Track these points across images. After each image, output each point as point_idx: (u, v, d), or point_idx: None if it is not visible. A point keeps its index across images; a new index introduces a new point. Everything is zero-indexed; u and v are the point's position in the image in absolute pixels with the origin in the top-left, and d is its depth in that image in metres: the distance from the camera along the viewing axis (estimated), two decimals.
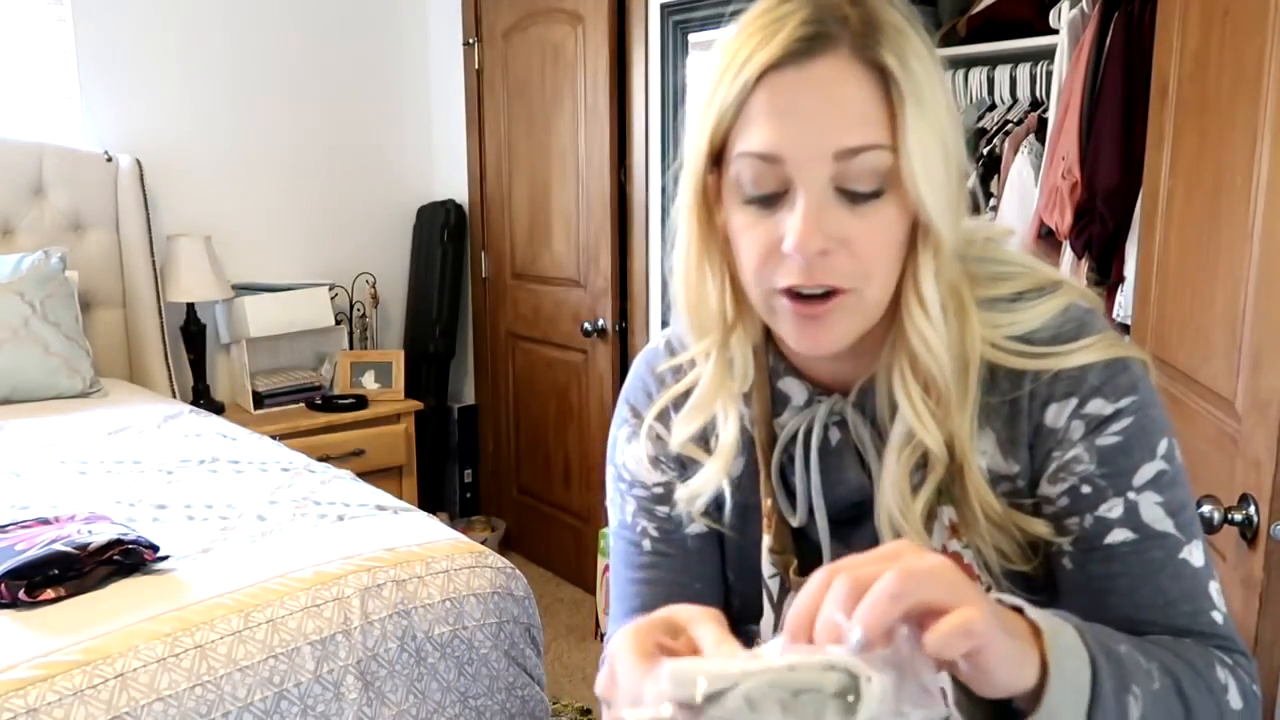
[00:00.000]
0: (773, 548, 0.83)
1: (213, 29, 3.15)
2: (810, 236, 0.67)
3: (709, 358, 0.80)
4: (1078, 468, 0.73)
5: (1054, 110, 2.22)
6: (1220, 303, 1.34)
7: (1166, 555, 0.72)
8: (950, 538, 0.76)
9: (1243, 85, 1.28)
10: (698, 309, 0.79)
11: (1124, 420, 0.72)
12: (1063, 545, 0.74)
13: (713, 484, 0.83)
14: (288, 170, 3.36)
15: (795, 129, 0.68)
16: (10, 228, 2.82)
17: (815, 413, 0.80)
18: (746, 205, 0.71)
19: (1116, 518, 0.72)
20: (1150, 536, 0.72)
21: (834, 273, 0.69)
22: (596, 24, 2.94)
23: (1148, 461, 0.72)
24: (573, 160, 3.12)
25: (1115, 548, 0.72)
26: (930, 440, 0.73)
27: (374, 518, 1.77)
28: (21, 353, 2.52)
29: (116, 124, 3.01)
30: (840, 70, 0.68)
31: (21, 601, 1.40)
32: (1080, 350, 0.73)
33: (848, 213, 0.69)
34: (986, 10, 2.44)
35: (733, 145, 0.71)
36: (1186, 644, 0.71)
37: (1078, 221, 2.11)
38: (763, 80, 0.69)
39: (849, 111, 0.68)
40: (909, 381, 0.74)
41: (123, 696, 1.26)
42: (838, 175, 0.68)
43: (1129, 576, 0.72)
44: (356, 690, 1.45)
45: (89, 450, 2.12)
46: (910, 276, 0.72)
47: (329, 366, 3.40)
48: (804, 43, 0.68)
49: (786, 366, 0.82)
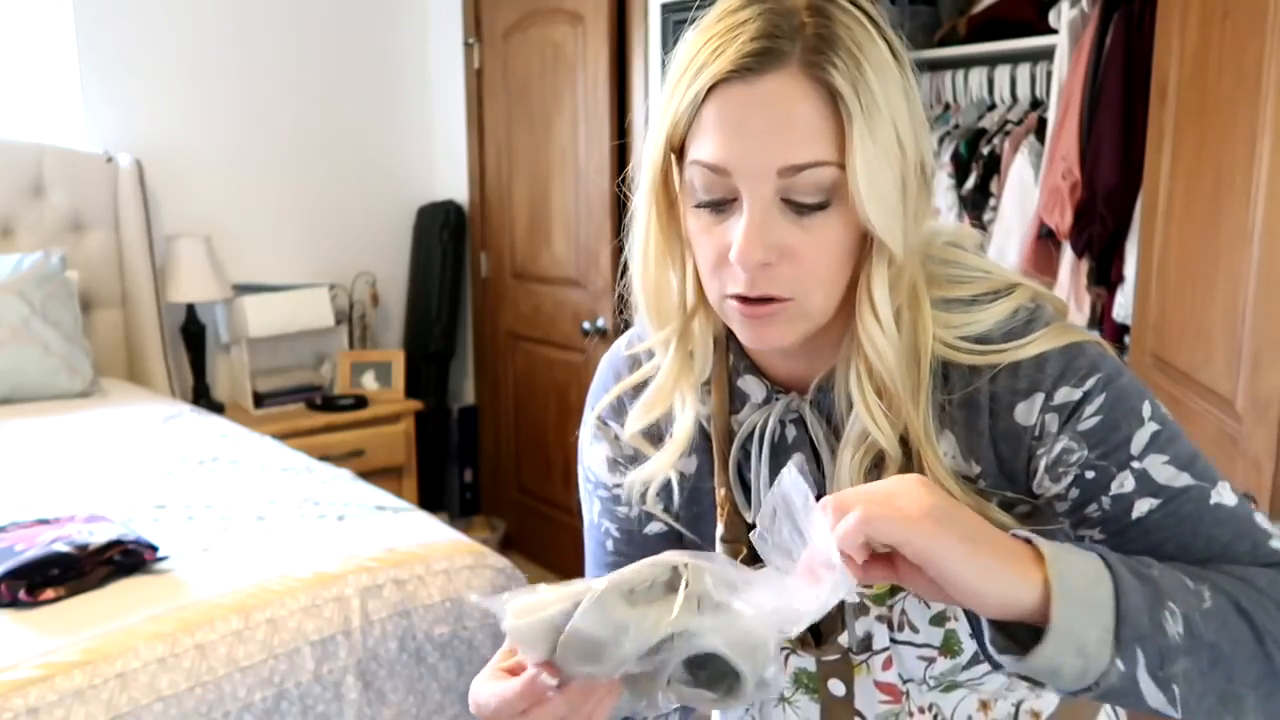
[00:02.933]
0: (724, 536, 0.84)
1: (213, 29, 3.15)
2: (752, 250, 0.69)
3: (669, 347, 0.81)
4: (1072, 458, 0.72)
5: (1054, 110, 2.22)
6: (1220, 303, 1.34)
7: (1198, 505, 0.71)
8: None
9: (1243, 86, 1.28)
10: (657, 297, 0.79)
11: (1096, 399, 0.72)
12: (1094, 536, 0.74)
13: (662, 471, 0.84)
14: (288, 170, 3.36)
15: (741, 145, 0.69)
16: (10, 228, 2.82)
17: (771, 409, 0.81)
18: (699, 209, 0.73)
19: (1132, 490, 0.71)
20: (1174, 495, 0.71)
21: (776, 283, 0.70)
22: (596, 24, 2.94)
23: (1138, 428, 0.72)
24: (572, 160, 3.12)
25: (1146, 519, 0.71)
26: (884, 440, 0.74)
27: (374, 518, 1.77)
28: (21, 353, 2.52)
29: (117, 124, 3.01)
30: (788, 87, 0.68)
31: (21, 601, 1.40)
32: (1031, 342, 0.73)
33: (793, 225, 0.70)
34: (986, 10, 2.44)
35: (688, 149, 0.72)
36: (1252, 570, 0.69)
37: (1078, 221, 2.11)
38: (713, 92, 0.70)
39: (795, 129, 0.68)
40: (864, 382, 0.74)
41: (123, 696, 1.26)
42: (783, 189, 0.69)
43: (1174, 539, 0.71)
44: (356, 690, 1.45)
45: (89, 450, 2.12)
46: (864, 282, 0.73)
47: (329, 366, 3.40)
48: (753, 59, 0.68)
49: (747, 364, 0.83)
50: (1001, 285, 0.77)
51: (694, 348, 0.81)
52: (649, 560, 0.61)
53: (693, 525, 0.89)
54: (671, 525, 0.90)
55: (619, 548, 0.92)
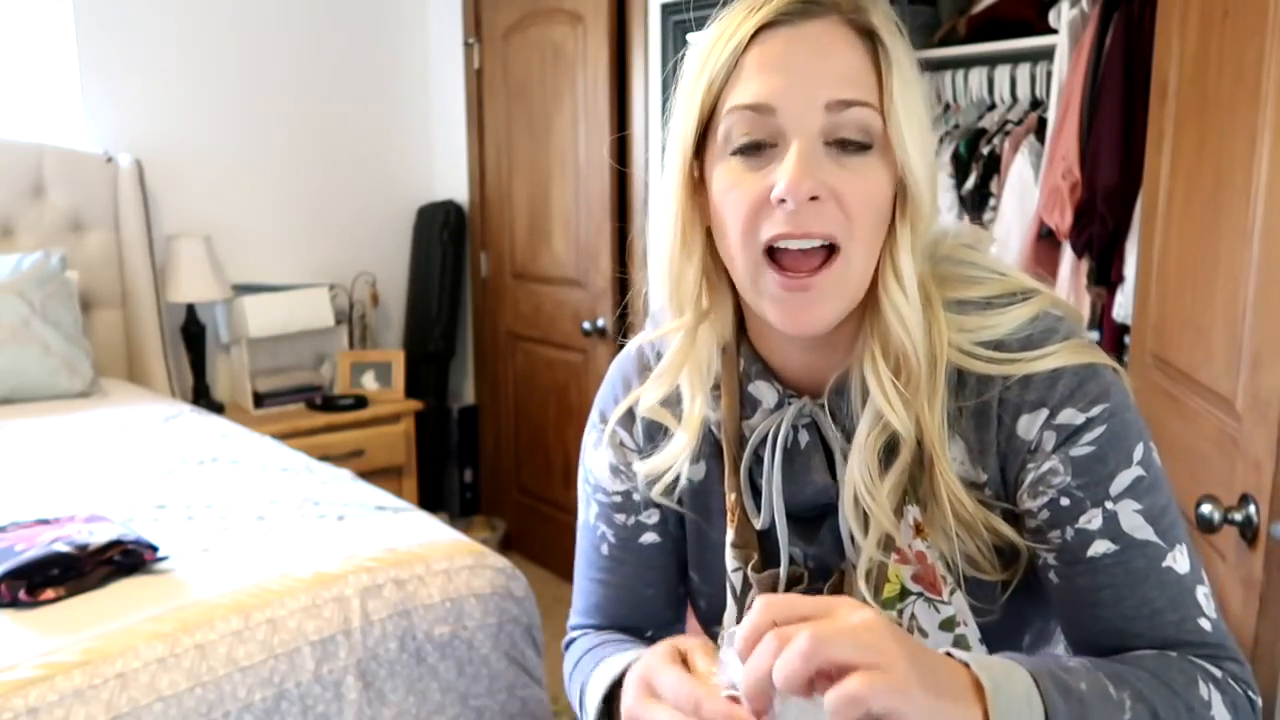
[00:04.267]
0: (735, 542, 0.84)
1: (213, 29, 3.15)
2: (802, 180, 0.68)
3: (678, 336, 0.81)
4: (1055, 480, 0.73)
5: (1054, 110, 2.22)
6: (1220, 303, 1.34)
7: (1149, 564, 0.72)
8: (915, 536, 0.77)
9: (1243, 86, 1.28)
10: (679, 283, 0.79)
11: (1097, 429, 0.72)
12: (1048, 559, 0.74)
13: (676, 460, 0.83)
14: (288, 170, 3.36)
15: (788, 80, 0.70)
16: (10, 228, 2.82)
17: (784, 415, 0.80)
18: (735, 159, 0.72)
19: (1096, 529, 0.72)
20: (1132, 546, 0.72)
21: (823, 220, 0.70)
22: (596, 24, 2.94)
23: (1124, 469, 0.72)
24: (572, 160, 3.12)
25: (1098, 560, 0.72)
26: (897, 423, 0.74)
27: (374, 518, 1.77)
28: (21, 353, 2.52)
29: (117, 124, 3.01)
30: (831, 32, 0.71)
31: (21, 601, 1.40)
32: (1049, 355, 0.73)
33: (836, 165, 0.70)
34: (986, 10, 2.44)
35: (723, 106, 0.72)
36: (1170, 660, 0.70)
37: (1078, 221, 2.11)
38: (756, 38, 0.71)
39: (840, 68, 0.70)
40: (879, 363, 0.74)
41: (123, 696, 1.26)
42: (828, 128, 0.70)
43: (1114, 588, 0.72)
44: (356, 690, 1.45)
45: (89, 450, 2.12)
46: (888, 253, 0.73)
47: (329, 366, 3.40)
48: (799, 3, 0.71)
49: (759, 369, 0.82)
50: (1018, 288, 0.77)
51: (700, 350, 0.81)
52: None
53: (697, 533, 0.89)
54: (665, 535, 0.91)
55: (614, 553, 0.93)
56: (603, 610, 0.96)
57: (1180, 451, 1.45)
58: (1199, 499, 1.21)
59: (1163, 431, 1.54)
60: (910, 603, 0.78)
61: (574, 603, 1.00)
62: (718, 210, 0.74)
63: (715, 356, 0.82)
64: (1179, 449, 1.46)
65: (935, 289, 0.76)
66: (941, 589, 0.77)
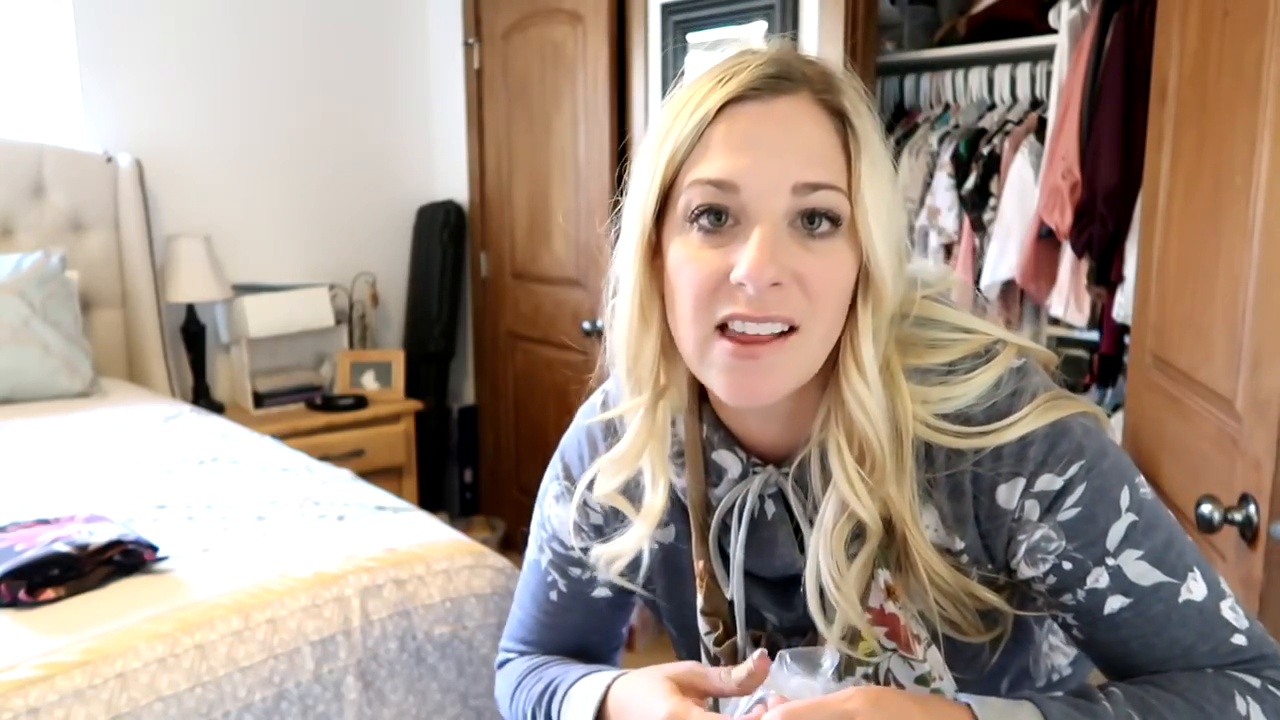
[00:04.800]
0: (704, 609, 0.83)
1: (213, 29, 3.15)
2: (765, 266, 0.66)
3: (638, 414, 0.79)
4: (1050, 547, 0.72)
5: (1054, 110, 2.22)
6: (1220, 303, 1.34)
7: (1167, 606, 0.71)
8: (887, 599, 0.76)
9: (1242, 85, 1.28)
10: (636, 361, 0.76)
11: (1077, 489, 0.71)
12: (1068, 619, 0.75)
13: (633, 549, 0.82)
14: (288, 170, 3.36)
15: (754, 159, 0.68)
16: (10, 228, 2.82)
17: (749, 485, 0.79)
18: (694, 234, 0.70)
19: (1105, 587, 0.72)
20: (1144, 594, 0.71)
21: (785, 304, 0.68)
22: (596, 24, 2.94)
23: (1115, 521, 0.71)
24: (572, 160, 3.12)
25: (1116, 616, 0.72)
26: (864, 512, 0.72)
27: (374, 518, 1.77)
28: (21, 353, 2.52)
29: (117, 124, 3.01)
30: (801, 110, 0.69)
31: (21, 601, 1.40)
32: (1017, 423, 0.71)
33: (800, 248, 0.68)
34: (986, 10, 2.44)
35: (684, 177, 0.70)
36: (1204, 679, 0.71)
37: (1078, 221, 2.11)
38: (723, 112, 0.69)
39: (808, 148, 0.68)
40: (844, 452, 0.72)
41: (123, 696, 1.26)
42: (793, 210, 0.68)
43: (1140, 637, 0.72)
44: (356, 690, 1.45)
45: (89, 450, 2.12)
46: (848, 337, 0.72)
47: (329, 366, 3.40)
48: (768, 80, 0.69)
49: (721, 437, 0.80)
50: (981, 348, 0.75)
51: (659, 421, 0.79)
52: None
53: (669, 593, 0.88)
54: (617, 590, 0.91)
55: (563, 601, 0.93)
56: (542, 645, 0.97)
57: (1180, 451, 1.45)
58: (1199, 499, 1.21)
59: (1163, 431, 1.54)
60: (886, 658, 0.77)
61: (510, 628, 1.00)
62: (671, 281, 0.72)
63: (668, 430, 0.80)
64: (1179, 449, 1.46)
65: (897, 358, 0.74)
66: (915, 647, 0.76)
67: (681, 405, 0.80)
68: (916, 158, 2.57)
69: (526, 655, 0.97)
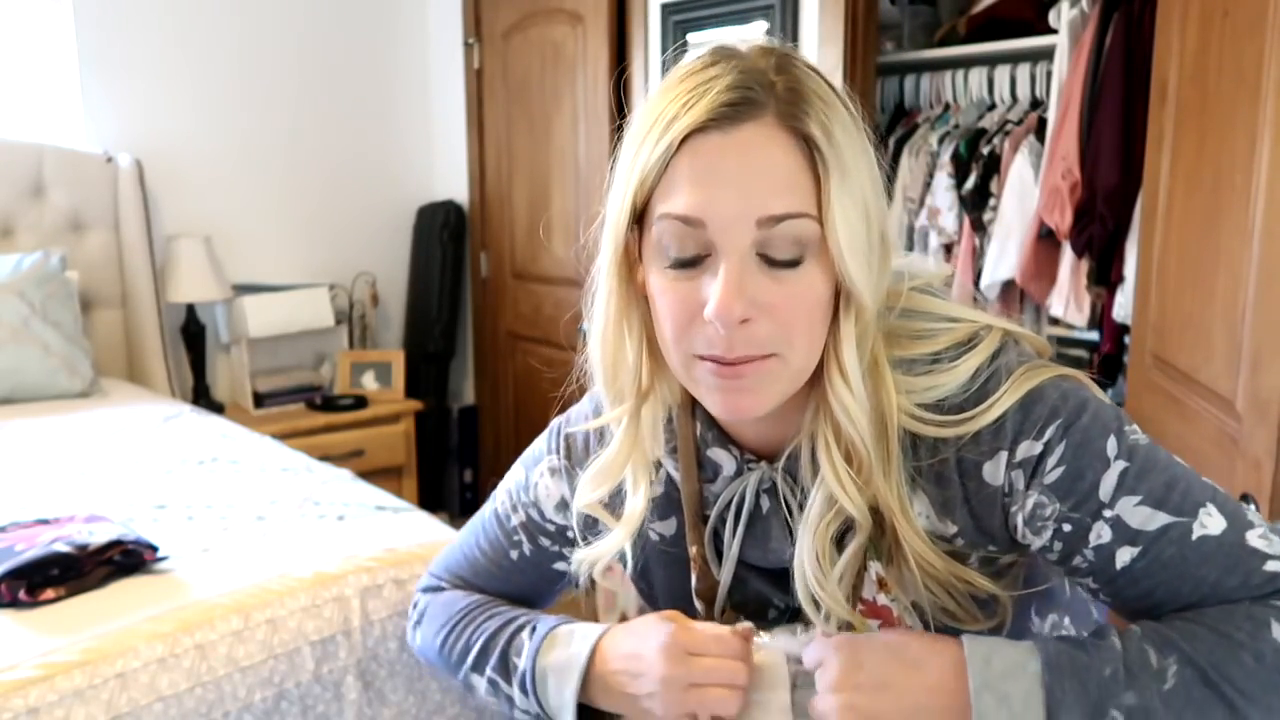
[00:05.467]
0: (699, 590, 0.85)
1: (213, 29, 3.15)
2: (732, 304, 0.66)
3: (621, 424, 0.80)
4: (1045, 512, 0.71)
5: (1054, 110, 2.22)
6: (1220, 303, 1.34)
7: (1180, 547, 0.69)
8: (880, 591, 0.77)
9: (1243, 85, 1.28)
10: (614, 372, 0.78)
11: (1057, 449, 0.70)
12: (1089, 584, 0.73)
13: (613, 551, 0.85)
14: (288, 170, 3.36)
15: (718, 194, 0.67)
16: (10, 228, 2.81)
17: (745, 483, 0.80)
18: (668, 269, 0.71)
19: (1110, 540, 0.70)
20: (1153, 540, 0.69)
21: (755, 342, 0.68)
22: (596, 24, 2.94)
23: (1104, 471, 0.70)
24: (572, 160, 3.12)
25: (1131, 568, 0.70)
26: (852, 507, 0.73)
27: (374, 518, 1.77)
28: (21, 353, 2.52)
29: (117, 124, 3.01)
30: (765, 137, 0.68)
31: (21, 601, 1.39)
32: (990, 407, 0.71)
33: (769, 279, 0.68)
34: (986, 10, 2.44)
35: (655, 206, 0.70)
36: (1233, 610, 0.68)
37: (1078, 221, 2.11)
38: (687, 143, 0.68)
39: (773, 179, 0.67)
40: (832, 449, 0.73)
41: (123, 696, 1.26)
42: (760, 242, 0.68)
43: (1163, 585, 0.70)
44: (356, 690, 1.45)
45: (89, 450, 2.12)
46: (832, 345, 0.72)
47: (329, 366, 3.40)
48: (729, 108, 0.67)
49: (715, 435, 0.81)
50: (966, 336, 0.75)
51: (643, 427, 0.80)
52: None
53: (669, 584, 0.90)
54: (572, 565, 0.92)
55: (521, 562, 0.95)
56: (482, 589, 0.98)
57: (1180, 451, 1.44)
58: None
59: (1163, 432, 1.54)
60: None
61: (449, 560, 1.01)
62: (653, 301, 0.73)
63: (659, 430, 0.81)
64: (1179, 449, 1.45)
65: (883, 350, 0.74)
66: None
67: (675, 402, 0.82)
68: (916, 158, 2.57)
69: (464, 590, 0.98)
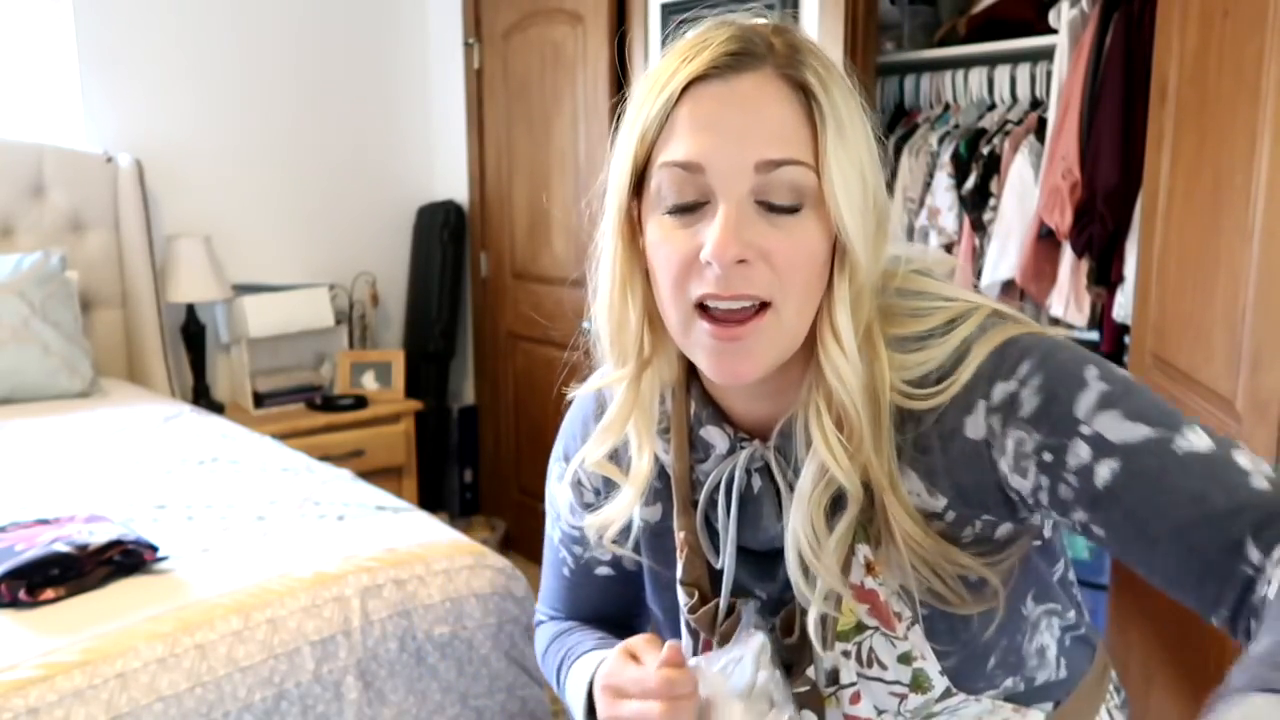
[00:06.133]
0: (683, 579, 0.84)
1: (213, 29, 3.15)
2: (729, 244, 0.67)
3: (622, 385, 0.81)
4: (1026, 448, 0.69)
5: (1054, 110, 2.22)
6: (1220, 303, 1.34)
7: (1160, 458, 0.65)
8: (867, 574, 0.76)
9: (1243, 85, 1.28)
10: (619, 333, 0.79)
11: (1033, 381, 0.69)
12: (1088, 526, 0.69)
13: (623, 514, 0.84)
14: (288, 170, 3.36)
15: (717, 140, 0.69)
16: (10, 228, 2.82)
17: (736, 460, 0.80)
18: (666, 216, 0.71)
19: (1090, 457, 0.66)
20: (1132, 451, 0.65)
21: (751, 283, 0.69)
22: (596, 24, 2.94)
23: (1081, 391, 0.68)
24: (572, 160, 3.12)
25: (1112, 486, 0.66)
26: (843, 476, 0.72)
27: (374, 518, 1.77)
28: (21, 353, 2.52)
29: (117, 124, 3.01)
30: (764, 87, 0.69)
31: (21, 601, 1.40)
32: (964, 370, 0.71)
33: (767, 225, 0.69)
34: (986, 10, 2.44)
35: (655, 159, 0.72)
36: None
37: (1078, 221, 2.11)
38: (687, 92, 0.70)
39: (771, 126, 0.69)
40: (823, 417, 0.73)
41: (123, 696, 1.26)
42: (758, 188, 0.69)
43: (1145, 501, 0.65)
44: (356, 690, 1.45)
45: (89, 450, 2.12)
46: (826, 307, 0.72)
47: (329, 366, 3.40)
48: (730, 57, 0.69)
49: (710, 413, 0.81)
50: (957, 314, 0.75)
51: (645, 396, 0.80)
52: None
53: (654, 574, 0.90)
54: (619, 570, 0.93)
55: (574, 577, 0.97)
56: (565, 612, 1.01)
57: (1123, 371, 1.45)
58: None
59: None
60: (868, 636, 0.77)
61: (541, 593, 1.04)
62: (652, 259, 0.74)
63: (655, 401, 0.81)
64: None
65: (879, 328, 0.74)
66: (896, 625, 0.76)
67: (671, 379, 0.82)
68: (916, 158, 2.57)
69: (554, 620, 1.01)
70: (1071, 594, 0.87)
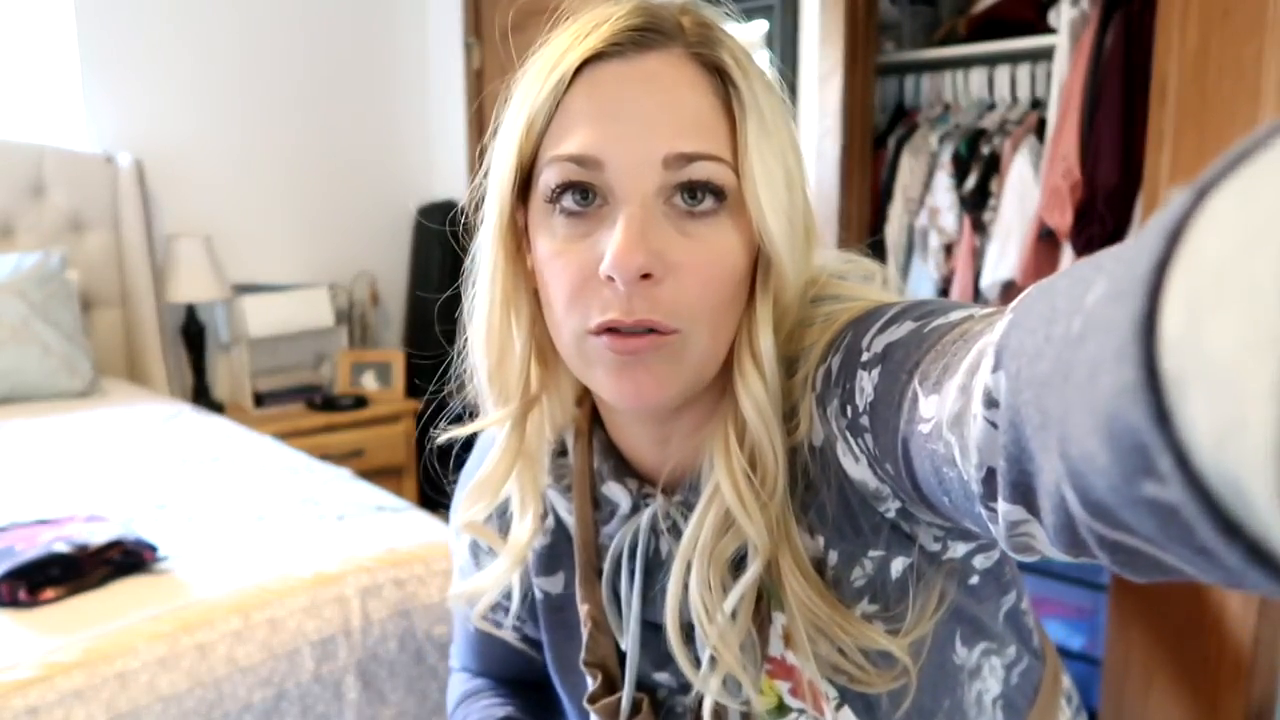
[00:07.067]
0: (586, 660, 0.71)
1: (214, 30, 3.15)
2: (632, 253, 0.55)
3: (504, 429, 0.67)
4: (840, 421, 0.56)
5: (1054, 110, 2.22)
6: None
7: (912, 342, 0.51)
8: (786, 647, 0.64)
9: (1242, 85, 1.28)
10: (500, 366, 0.66)
11: (841, 345, 0.57)
12: (888, 469, 0.52)
13: (495, 587, 0.73)
14: (288, 170, 3.36)
15: (619, 129, 0.57)
16: (10, 228, 2.82)
17: (639, 522, 0.68)
18: (558, 219, 0.59)
19: (868, 381, 0.52)
20: (891, 348, 0.52)
21: (658, 306, 0.56)
22: None
23: (873, 327, 0.55)
24: None
25: (873, 394, 0.51)
26: (751, 527, 0.60)
27: (374, 518, 1.77)
28: (21, 353, 2.52)
29: (117, 124, 3.01)
30: (673, 69, 0.58)
31: (21, 601, 1.40)
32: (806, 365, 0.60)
33: (676, 232, 0.57)
34: (986, 10, 2.44)
35: (544, 153, 0.59)
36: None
37: (1078, 221, 2.11)
38: (582, 74, 0.58)
39: (682, 114, 0.57)
40: (733, 456, 0.60)
41: (123, 696, 1.26)
42: (667, 185, 0.57)
43: (890, 370, 0.51)
44: (356, 691, 1.45)
45: (89, 450, 2.12)
46: (745, 329, 0.60)
47: (329, 366, 3.40)
48: (634, 33, 0.58)
49: (611, 467, 0.69)
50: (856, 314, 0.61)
51: (530, 444, 0.68)
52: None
53: (557, 650, 0.76)
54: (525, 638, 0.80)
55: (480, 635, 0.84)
56: (477, 667, 0.90)
57: None
58: None
59: None
60: (793, 718, 0.66)
61: (454, 639, 0.92)
62: (541, 275, 0.61)
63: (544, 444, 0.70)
64: None
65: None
66: (824, 706, 0.64)
67: (565, 422, 0.70)
68: (916, 158, 2.57)
69: (466, 674, 0.91)
70: (1019, 624, 0.73)
